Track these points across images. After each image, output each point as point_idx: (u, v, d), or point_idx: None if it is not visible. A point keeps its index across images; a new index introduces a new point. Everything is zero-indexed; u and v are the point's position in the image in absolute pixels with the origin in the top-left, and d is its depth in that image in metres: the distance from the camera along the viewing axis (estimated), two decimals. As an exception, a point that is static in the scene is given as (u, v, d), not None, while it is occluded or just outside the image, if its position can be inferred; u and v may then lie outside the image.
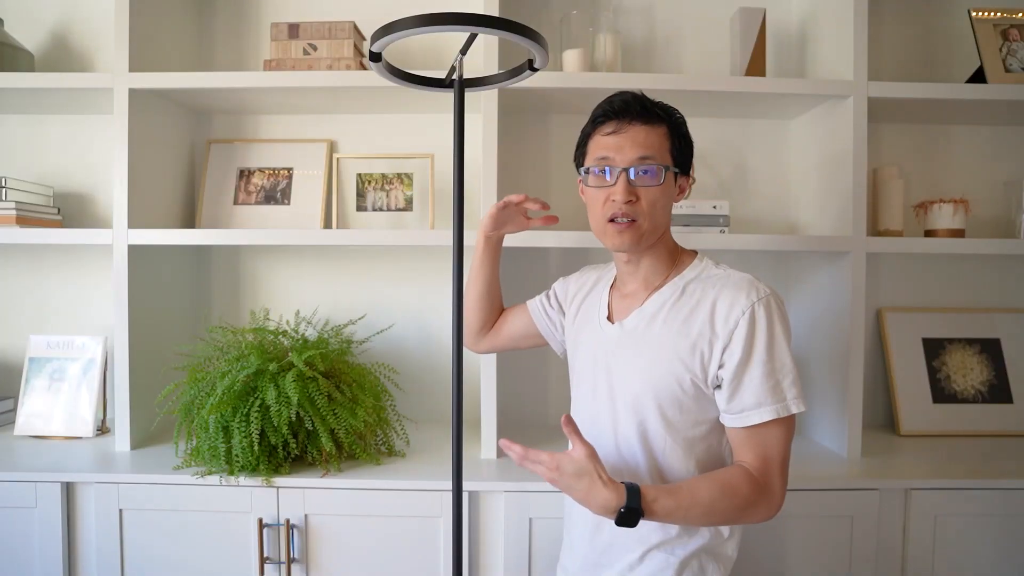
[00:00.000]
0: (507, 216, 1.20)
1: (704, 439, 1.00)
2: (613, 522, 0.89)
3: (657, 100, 1.03)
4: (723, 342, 0.95)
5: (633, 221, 0.99)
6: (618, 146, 0.99)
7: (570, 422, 0.96)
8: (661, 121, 1.01)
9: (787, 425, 0.95)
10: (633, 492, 0.89)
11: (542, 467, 0.93)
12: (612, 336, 1.06)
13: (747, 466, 0.95)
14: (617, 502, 0.88)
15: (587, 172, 1.03)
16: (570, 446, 0.94)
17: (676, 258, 1.07)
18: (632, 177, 0.98)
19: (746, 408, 0.94)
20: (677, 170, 1.02)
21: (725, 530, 1.01)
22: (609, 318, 1.08)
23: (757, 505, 0.93)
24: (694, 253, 1.08)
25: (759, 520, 0.95)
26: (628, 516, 0.88)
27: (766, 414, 0.93)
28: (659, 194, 0.99)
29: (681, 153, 1.03)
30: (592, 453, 0.92)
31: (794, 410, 0.94)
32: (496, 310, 1.31)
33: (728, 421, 0.97)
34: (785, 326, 0.97)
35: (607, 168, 1.00)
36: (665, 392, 0.98)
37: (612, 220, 1.00)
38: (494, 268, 1.26)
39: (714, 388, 0.98)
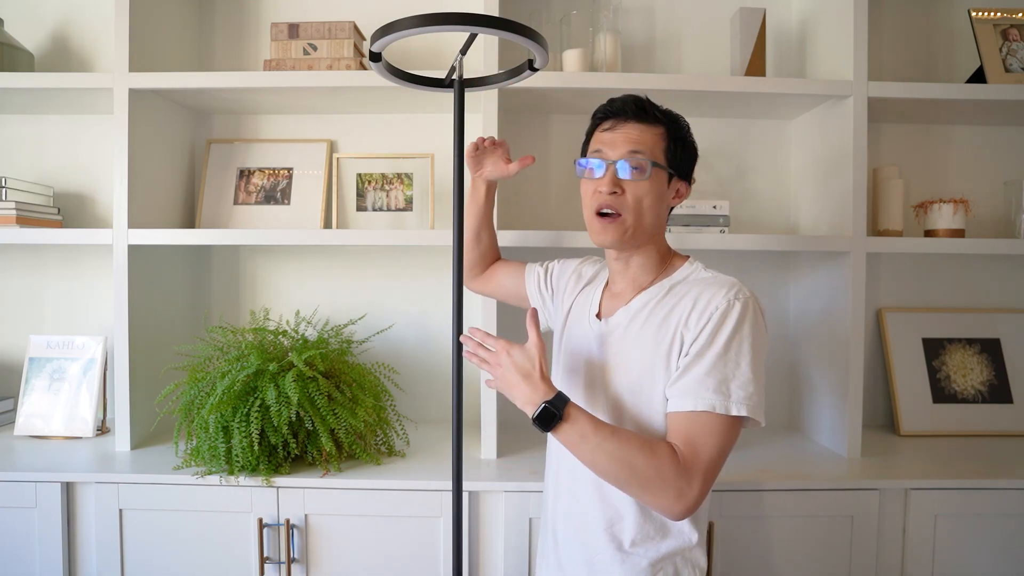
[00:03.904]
0: (482, 158, 1.23)
1: None
2: (530, 417, 0.92)
3: (665, 108, 1.04)
4: (693, 334, 0.94)
5: (618, 215, 1.00)
6: (612, 141, 1.01)
7: (535, 315, 1.02)
8: (658, 122, 1.02)
9: (725, 427, 0.91)
10: (562, 398, 0.93)
11: (491, 351, 0.99)
12: (597, 332, 1.06)
13: (676, 445, 0.91)
14: (543, 396, 0.93)
15: (582, 165, 1.04)
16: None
17: (667, 261, 1.07)
18: (620, 170, 0.99)
19: (683, 393, 0.92)
20: (672, 172, 1.02)
21: (693, 537, 1.00)
22: (598, 315, 1.09)
23: (667, 482, 0.88)
24: (686, 257, 1.08)
25: (666, 504, 0.89)
26: (545, 413, 0.92)
27: (700, 404, 0.90)
28: (645, 190, 0.99)
29: (677, 157, 1.03)
30: (543, 347, 0.97)
31: (734, 412, 0.90)
32: (488, 254, 1.34)
33: (668, 404, 0.95)
34: (756, 332, 0.94)
35: (599, 161, 1.01)
36: (641, 394, 0.98)
37: (599, 214, 1.02)
38: (483, 211, 1.28)
39: None
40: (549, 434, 0.95)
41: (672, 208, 1.08)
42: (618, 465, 0.89)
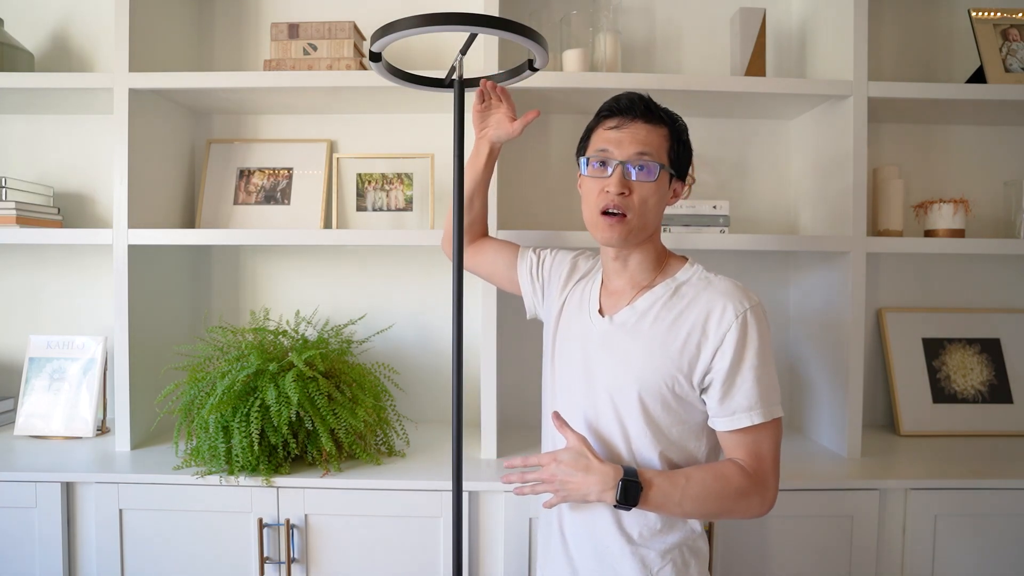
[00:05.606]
0: (487, 115, 1.20)
1: (680, 440, 1.02)
2: (615, 500, 0.94)
3: (663, 106, 1.06)
4: (714, 345, 0.98)
5: (624, 216, 1.01)
6: (618, 140, 1.02)
7: (559, 416, 1.03)
8: (663, 123, 1.03)
9: (776, 427, 0.99)
10: (630, 470, 0.95)
11: (542, 466, 0.99)
12: (601, 330, 1.07)
13: (739, 461, 0.98)
14: (615, 476, 0.94)
15: (586, 163, 1.05)
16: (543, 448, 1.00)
17: (664, 261, 1.09)
18: (628, 171, 1.00)
19: (737, 411, 0.97)
20: (673, 172, 1.05)
21: (697, 527, 1.04)
22: (600, 312, 1.09)
23: (750, 496, 0.96)
24: (684, 259, 1.09)
25: (753, 513, 0.98)
26: (628, 489, 0.93)
27: (756, 417, 0.97)
28: (652, 191, 1.01)
29: (679, 157, 1.05)
30: (585, 440, 1.00)
31: (776, 415, 0.98)
32: (476, 224, 1.30)
33: (719, 425, 0.99)
34: (769, 336, 1.01)
35: (605, 160, 1.02)
36: (650, 390, 1.00)
37: (604, 213, 1.02)
38: (481, 175, 1.24)
39: (701, 390, 1.00)
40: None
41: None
42: (703, 506, 0.96)
